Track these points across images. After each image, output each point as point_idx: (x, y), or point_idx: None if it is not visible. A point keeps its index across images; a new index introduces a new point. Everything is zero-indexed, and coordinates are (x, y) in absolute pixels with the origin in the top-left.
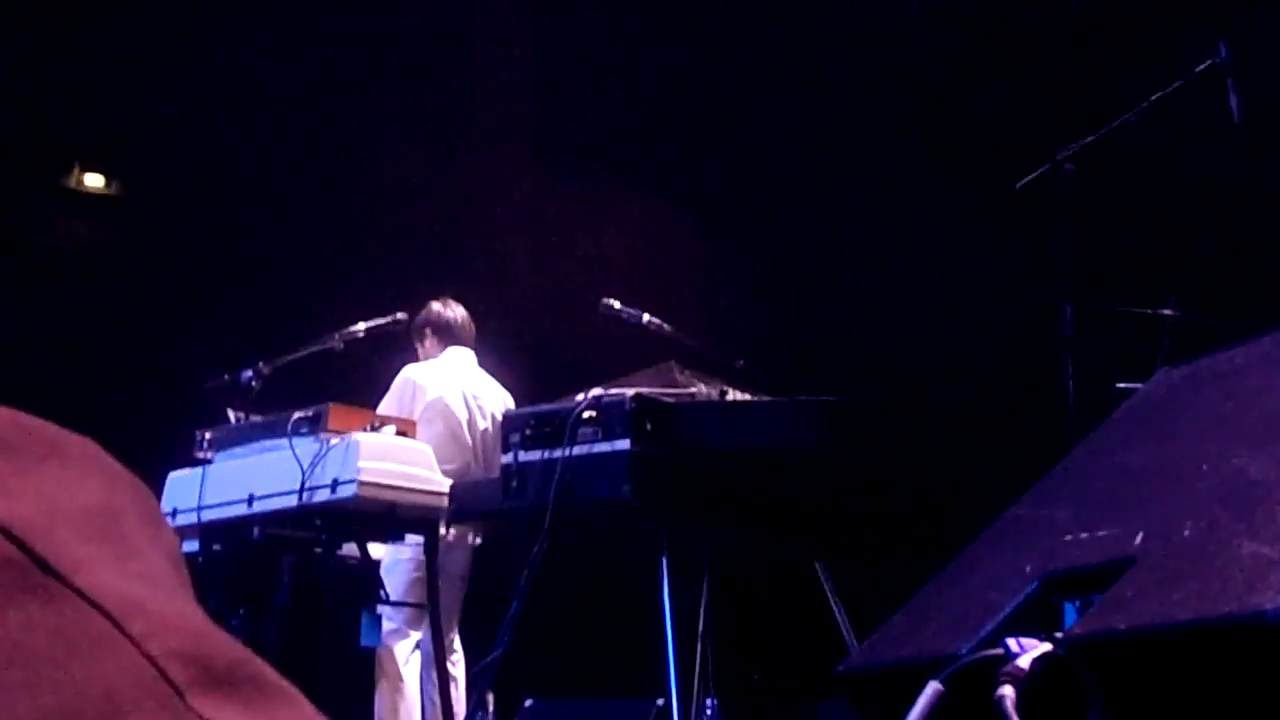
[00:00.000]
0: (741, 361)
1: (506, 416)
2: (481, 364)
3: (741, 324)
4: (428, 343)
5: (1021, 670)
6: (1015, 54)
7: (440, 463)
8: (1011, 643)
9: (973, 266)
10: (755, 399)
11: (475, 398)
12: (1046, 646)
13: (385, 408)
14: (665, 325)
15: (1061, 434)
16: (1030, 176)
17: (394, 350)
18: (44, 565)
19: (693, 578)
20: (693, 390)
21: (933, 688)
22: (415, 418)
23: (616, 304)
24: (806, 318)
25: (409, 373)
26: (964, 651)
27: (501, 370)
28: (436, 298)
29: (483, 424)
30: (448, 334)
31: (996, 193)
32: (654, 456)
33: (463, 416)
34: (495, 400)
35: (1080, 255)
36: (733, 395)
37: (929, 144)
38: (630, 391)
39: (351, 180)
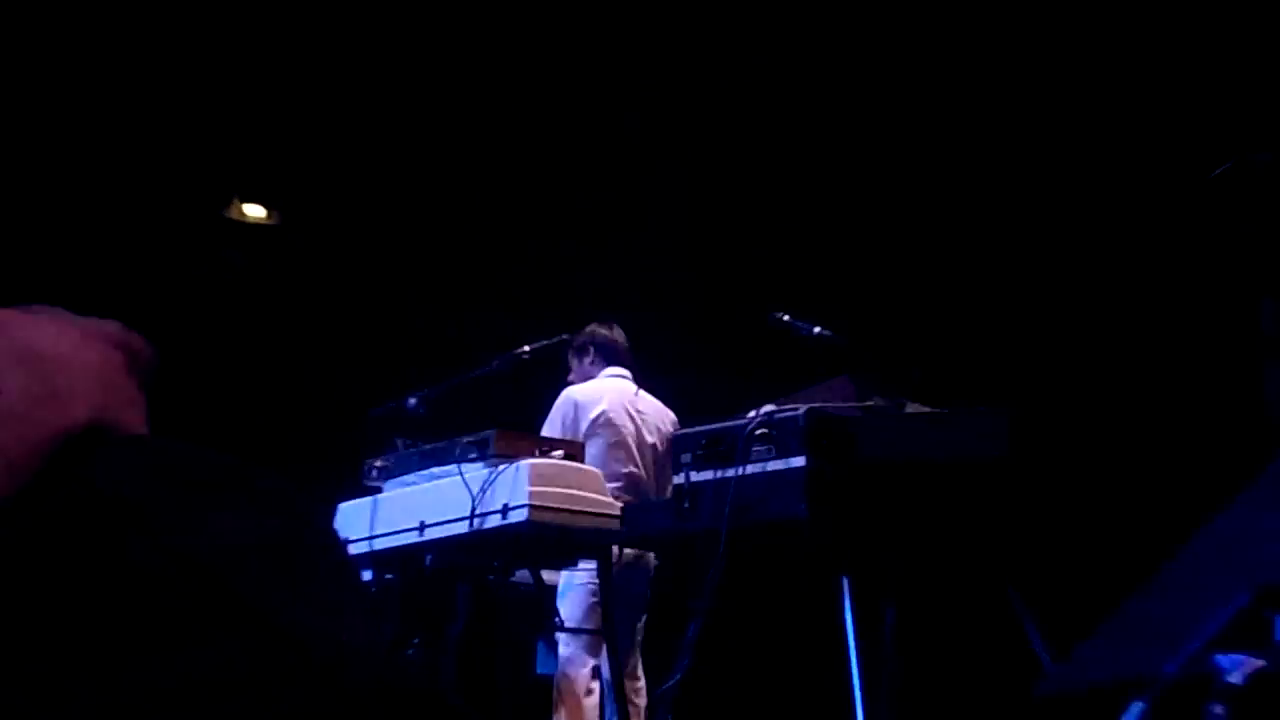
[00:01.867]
0: (918, 371)
1: (677, 437)
2: (646, 387)
3: (916, 333)
4: (586, 362)
5: (1234, 687)
6: (1206, 41)
7: (608, 480)
8: (1221, 659)
9: (1157, 262)
10: (934, 411)
11: (640, 414)
12: (1260, 662)
13: (548, 430)
14: (837, 336)
15: (1261, 439)
16: (1224, 166)
17: (546, 375)
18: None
19: (875, 598)
20: (868, 404)
21: (1138, 708)
22: (579, 438)
23: (786, 317)
24: (982, 323)
25: (571, 393)
26: (1169, 670)
27: (667, 392)
28: (597, 321)
29: (650, 439)
30: (609, 354)
31: (1181, 183)
32: (830, 473)
33: (629, 432)
34: (660, 418)
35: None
36: (910, 408)
37: (1108, 136)
38: (804, 407)
39: (507, 204)
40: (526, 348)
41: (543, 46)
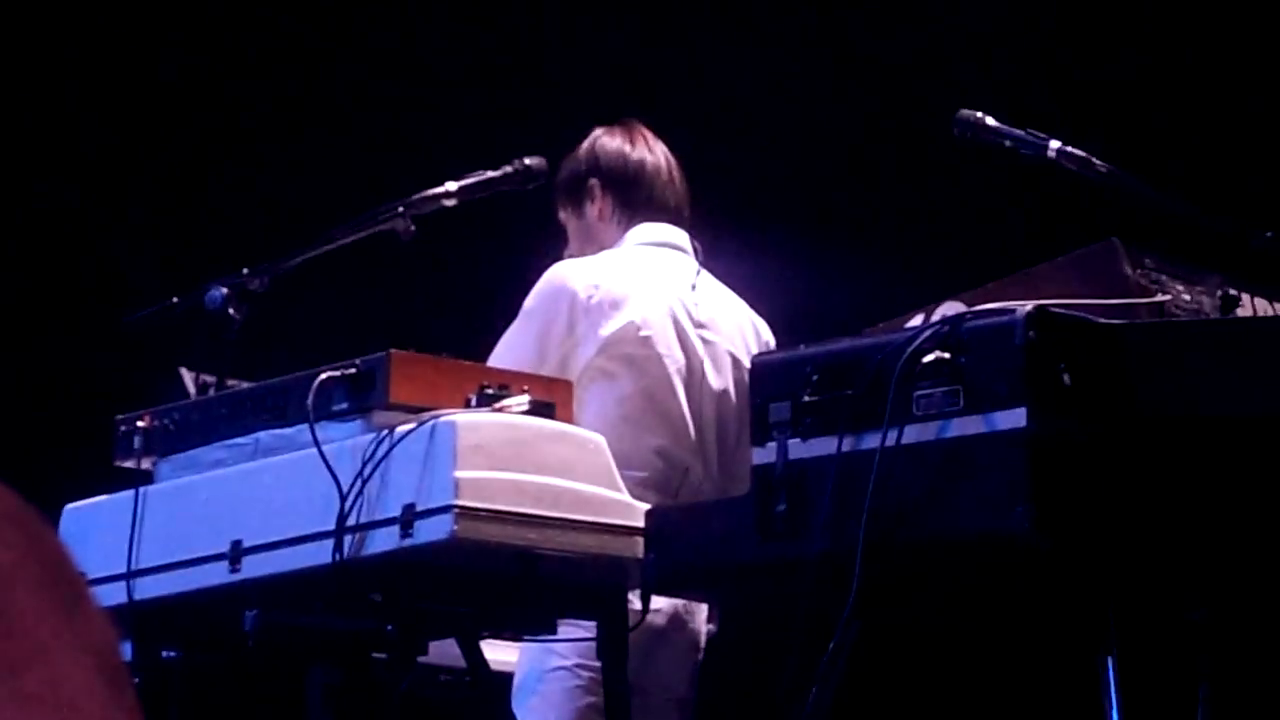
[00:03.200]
0: (1270, 234)
1: (761, 367)
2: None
3: (1251, 157)
4: (593, 212)
5: None
6: None
7: (622, 464)
8: None
9: None
10: None
11: (699, 326)
12: None
13: (511, 353)
14: (1095, 161)
15: None
16: None
17: (500, 242)
18: None
19: (1168, 673)
20: (1158, 299)
21: None
22: (569, 372)
23: (986, 117)
24: None
25: (566, 276)
26: None
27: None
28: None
29: (715, 380)
30: (638, 195)
31: None
32: (1081, 443)
33: (676, 365)
34: (742, 334)
35: None
36: (1251, 305)
37: None
38: (1024, 306)
39: None
40: (451, 185)
41: None
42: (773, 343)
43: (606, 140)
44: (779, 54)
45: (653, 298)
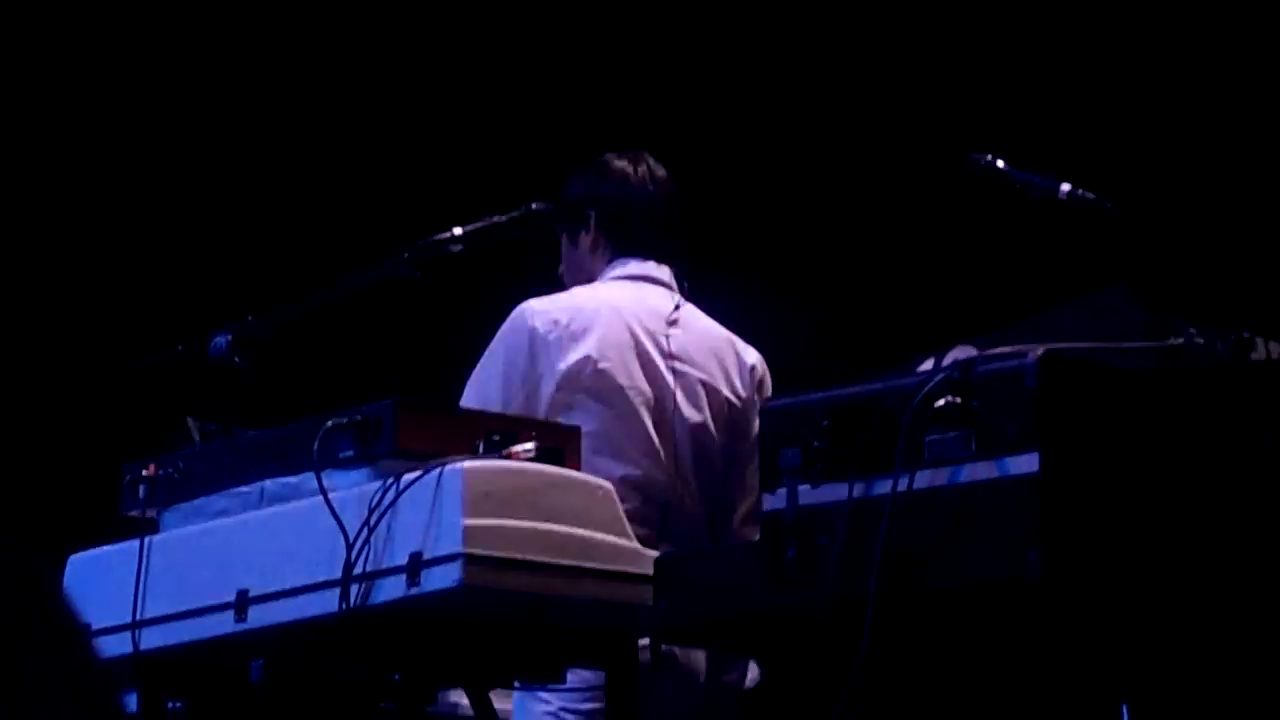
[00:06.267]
0: None
1: (771, 412)
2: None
3: (1251, 203)
4: (586, 243)
5: None
6: None
7: None
8: None
9: None
10: None
11: (670, 358)
12: None
13: (479, 392)
14: (1106, 204)
15: None
16: None
17: (507, 288)
18: None
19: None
20: (1174, 342)
21: None
22: (538, 410)
23: (997, 159)
24: None
25: (527, 314)
26: None
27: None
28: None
29: (690, 412)
30: (628, 227)
31: None
32: (1094, 488)
33: (638, 394)
34: (721, 366)
35: None
36: (1264, 349)
37: None
38: (1036, 350)
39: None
40: (457, 230)
41: None
42: (760, 368)
43: (611, 172)
44: (788, 90)
45: (616, 331)
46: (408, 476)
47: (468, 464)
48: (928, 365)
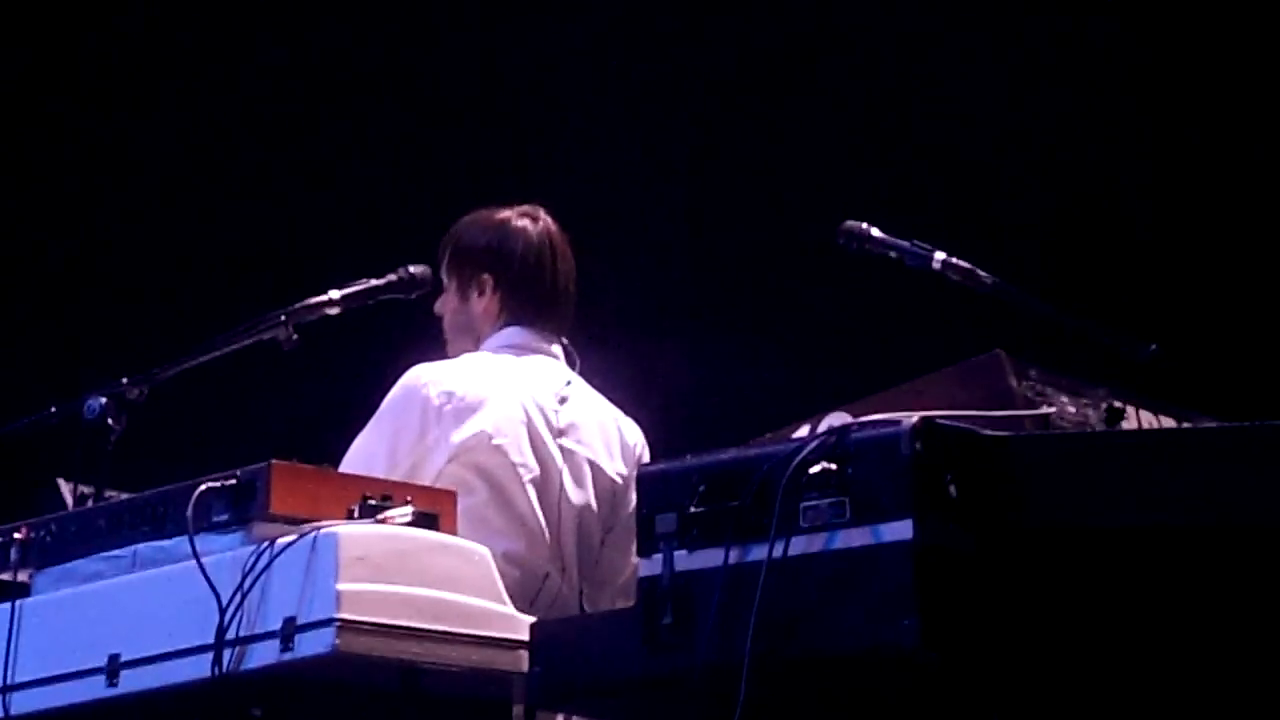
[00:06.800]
0: (1153, 347)
1: (647, 477)
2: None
3: (1140, 269)
4: (479, 304)
5: None
6: None
7: None
8: None
9: None
10: (1186, 427)
11: (559, 434)
12: None
13: (363, 457)
14: (980, 273)
15: None
16: None
17: (383, 351)
18: None
19: None
20: (1046, 410)
21: None
22: (424, 479)
23: (870, 229)
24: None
25: (423, 378)
26: None
27: (628, 394)
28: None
29: (574, 490)
30: (526, 302)
31: None
32: (967, 555)
33: (528, 471)
34: (603, 439)
35: None
36: (1135, 418)
37: None
38: (909, 417)
39: None
40: (334, 293)
41: None
42: (640, 445)
43: (515, 234)
44: (667, 156)
45: (508, 405)
46: (281, 541)
47: (342, 529)
48: (803, 431)
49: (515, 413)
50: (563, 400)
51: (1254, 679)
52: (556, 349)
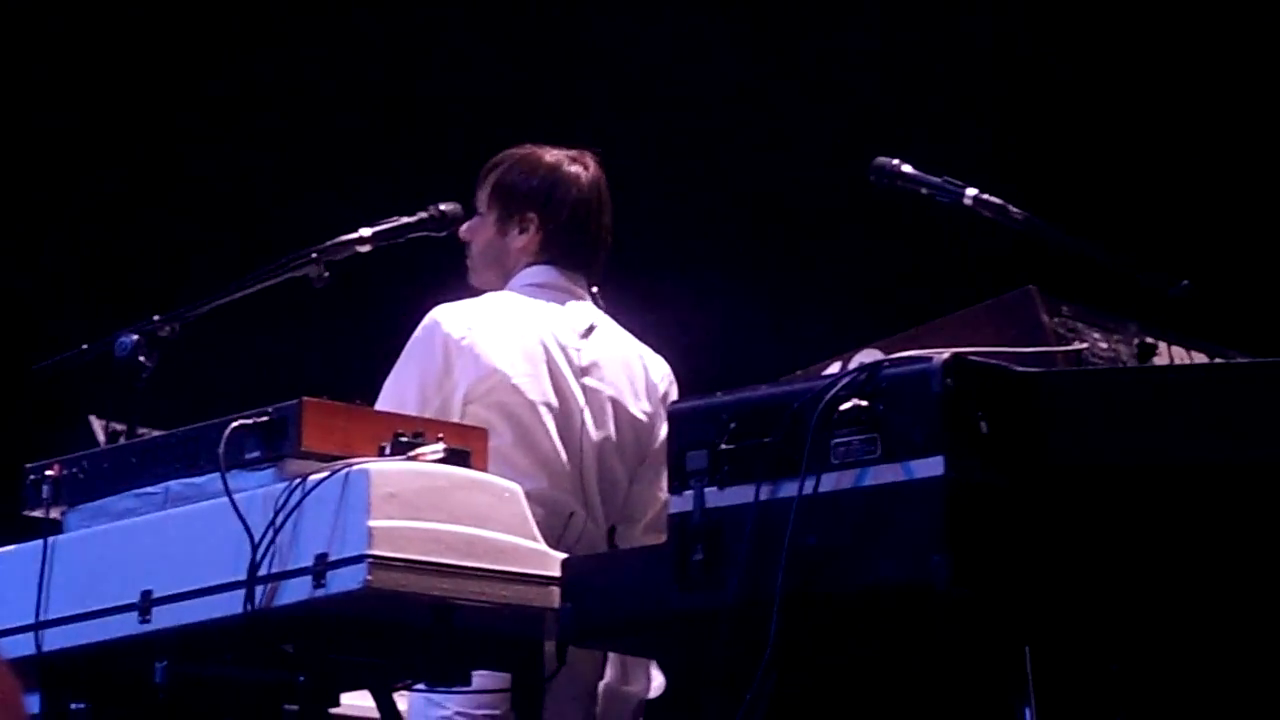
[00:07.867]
0: (1185, 282)
1: (678, 414)
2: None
3: (1174, 207)
4: (517, 240)
5: None
6: None
7: None
8: None
9: None
10: (1218, 362)
11: (581, 373)
12: None
13: (394, 397)
14: (1012, 209)
15: None
16: None
17: (415, 289)
18: None
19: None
20: (1078, 346)
21: None
22: (455, 414)
23: (902, 164)
24: None
25: (436, 319)
26: None
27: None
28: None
29: (595, 428)
30: (562, 244)
31: None
32: (998, 492)
33: (549, 410)
34: (627, 376)
35: None
36: (1168, 354)
37: None
38: (941, 354)
39: None
40: (365, 230)
41: None
42: (668, 381)
43: (568, 181)
44: (700, 98)
45: (528, 344)
46: (313, 478)
47: (374, 465)
48: (834, 368)
49: (536, 352)
50: (585, 336)
51: None
52: (581, 285)
